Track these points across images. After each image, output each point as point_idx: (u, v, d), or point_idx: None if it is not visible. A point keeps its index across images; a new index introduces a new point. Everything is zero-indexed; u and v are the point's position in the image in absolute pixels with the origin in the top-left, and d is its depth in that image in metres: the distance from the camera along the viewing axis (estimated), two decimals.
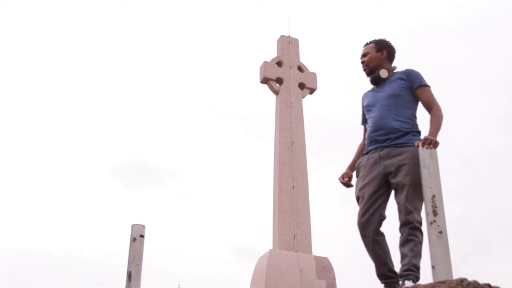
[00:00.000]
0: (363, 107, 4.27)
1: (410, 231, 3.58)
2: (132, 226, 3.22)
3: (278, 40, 9.20)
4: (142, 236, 3.19)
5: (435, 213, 2.09)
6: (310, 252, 7.58)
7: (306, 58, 9.25)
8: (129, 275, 3.07)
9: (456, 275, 2.15)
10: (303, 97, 8.75)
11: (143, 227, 3.22)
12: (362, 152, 4.18)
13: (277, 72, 8.74)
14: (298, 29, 10.50)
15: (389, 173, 3.81)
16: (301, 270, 7.20)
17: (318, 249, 7.78)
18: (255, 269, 7.49)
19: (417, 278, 3.51)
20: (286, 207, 7.79)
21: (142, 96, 24.76)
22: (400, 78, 4.04)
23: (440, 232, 2.07)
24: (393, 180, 3.78)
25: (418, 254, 3.54)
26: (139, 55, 25.48)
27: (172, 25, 25.69)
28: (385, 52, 4.18)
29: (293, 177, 7.98)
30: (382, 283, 3.71)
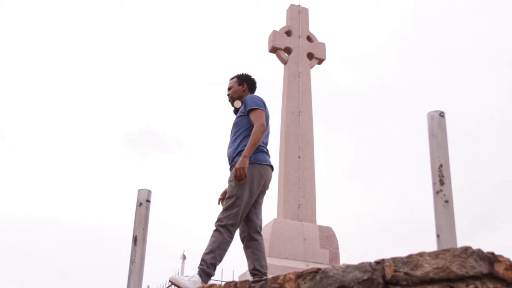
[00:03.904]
0: None
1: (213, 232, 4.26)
2: (139, 190, 3.22)
3: (288, 9, 9.10)
4: (148, 201, 3.19)
5: (441, 182, 2.09)
6: (314, 221, 7.64)
7: (315, 28, 9.17)
8: (135, 239, 3.08)
9: (460, 245, 2.17)
10: (311, 67, 8.69)
11: (149, 192, 3.22)
12: None
13: (286, 42, 8.67)
14: None
15: None
16: (304, 239, 7.27)
17: (322, 219, 7.83)
18: None
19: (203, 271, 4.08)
20: (291, 177, 7.82)
21: (153, 69, 24.75)
22: (243, 106, 4.60)
23: (446, 202, 2.08)
24: None
25: (210, 252, 4.13)
26: (148, 25, 25.32)
27: None
28: (245, 85, 4.76)
29: (299, 147, 8.00)
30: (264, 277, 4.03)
